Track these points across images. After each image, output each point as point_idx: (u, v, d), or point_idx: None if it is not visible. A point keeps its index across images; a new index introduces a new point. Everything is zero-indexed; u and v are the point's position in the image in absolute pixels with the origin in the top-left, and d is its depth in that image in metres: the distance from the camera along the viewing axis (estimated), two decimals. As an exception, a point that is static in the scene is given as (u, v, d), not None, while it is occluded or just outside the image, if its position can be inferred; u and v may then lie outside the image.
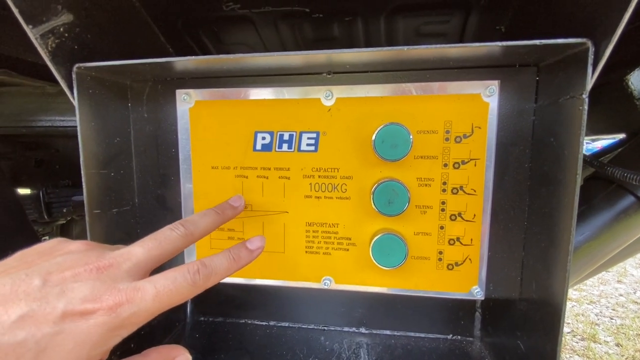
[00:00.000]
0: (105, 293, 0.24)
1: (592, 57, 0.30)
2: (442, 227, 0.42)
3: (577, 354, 1.82)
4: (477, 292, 0.43)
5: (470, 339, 0.51)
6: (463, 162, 0.40)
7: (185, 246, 0.32)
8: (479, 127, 0.40)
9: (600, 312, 2.24)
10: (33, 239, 0.87)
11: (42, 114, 0.85)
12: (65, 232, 1.47)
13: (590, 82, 0.30)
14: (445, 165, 0.41)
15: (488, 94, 0.39)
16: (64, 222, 1.26)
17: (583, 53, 0.30)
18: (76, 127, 0.87)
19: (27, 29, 0.34)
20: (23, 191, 1.06)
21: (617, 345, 1.90)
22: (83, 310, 0.23)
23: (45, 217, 1.02)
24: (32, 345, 0.21)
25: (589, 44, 0.30)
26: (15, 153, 1.04)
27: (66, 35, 0.37)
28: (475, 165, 0.40)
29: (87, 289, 0.23)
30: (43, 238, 1.09)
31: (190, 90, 0.44)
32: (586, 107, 0.30)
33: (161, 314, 0.27)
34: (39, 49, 0.35)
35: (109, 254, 0.27)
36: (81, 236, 1.55)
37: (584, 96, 0.30)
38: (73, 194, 1.05)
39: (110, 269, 0.25)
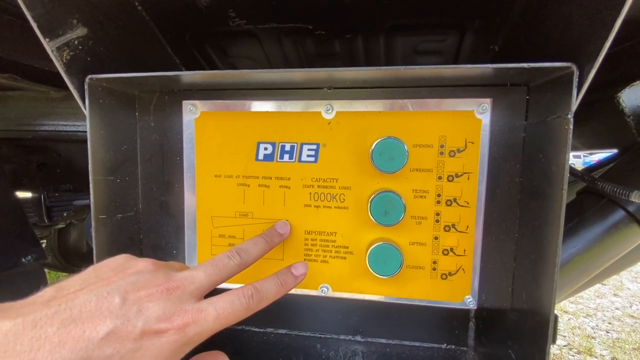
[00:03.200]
0: (175, 314, 0.26)
1: (577, 79, 0.32)
2: (436, 238, 0.43)
3: (573, 368, 1.82)
4: (470, 302, 0.44)
5: (464, 348, 0.52)
6: (457, 175, 0.42)
7: (238, 272, 0.35)
8: (472, 142, 0.41)
9: (597, 325, 2.24)
10: (34, 242, 0.87)
11: (45, 118, 0.87)
12: (63, 236, 1.48)
13: (575, 103, 0.32)
14: (440, 178, 0.42)
15: (481, 111, 0.41)
16: (63, 225, 1.27)
17: (568, 76, 0.32)
18: (78, 132, 0.89)
19: (44, 41, 0.36)
20: (23, 194, 1.07)
21: (613, 359, 1.90)
22: (158, 329, 0.25)
23: (46, 220, 1.02)
24: None
25: (574, 68, 0.32)
26: (18, 156, 1.05)
27: (80, 47, 0.39)
28: (468, 178, 0.42)
29: (160, 309, 0.26)
30: (41, 242, 1.09)
31: (196, 102, 0.46)
32: (571, 126, 0.32)
33: None
34: (55, 60, 0.37)
35: (175, 275, 0.29)
36: (79, 240, 1.55)
37: (569, 116, 0.32)
38: (74, 199, 1.06)
39: (177, 290, 0.28)
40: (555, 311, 0.35)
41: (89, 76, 0.39)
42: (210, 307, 0.28)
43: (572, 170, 0.59)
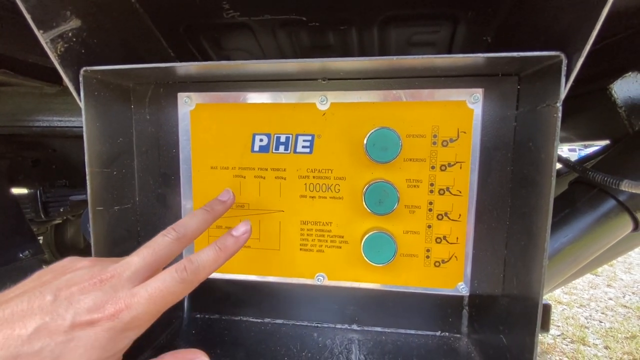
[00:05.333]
0: (107, 302, 0.27)
1: (566, 68, 0.32)
2: (429, 226, 0.44)
3: (567, 356, 1.85)
4: (463, 288, 0.45)
5: (458, 335, 0.53)
6: (449, 165, 0.43)
7: (181, 249, 0.34)
8: (464, 132, 0.42)
9: (590, 315, 2.28)
10: (31, 238, 0.87)
11: (39, 114, 0.86)
12: (60, 231, 1.47)
13: (563, 91, 0.33)
14: (433, 167, 0.43)
15: (473, 101, 0.42)
16: (60, 221, 1.27)
17: (557, 65, 0.33)
18: (73, 127, 0.88)
19: (38, 33, 0.36)
20: (19, 191, 1.07)
21: (606, 347, 1.93)
22: (89, 319, 0.26)
23: (42, 216, 1.02)
24: (48, 353, 0.24)
25: (562, 56, 0.32)
26: (12, 152, 1.04)
27: (74, 39, 0.39)
28: (460, 167, 0.43)
29: (91, 300, 0.26)
30: (38, 237, 1.09)
31: (192, 94, 0.46)
32: (560, 114, 0.33)
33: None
34: (49, 52, 0.37)
35: (110, 266, 0.29)
36: (76, 236, 1.55)
37: (558, 104, 0.33)
38: (70, 194, 1.06)
39: (112, 279, 0.28)
40: (549, 301, 0.35)
41: (84, 68, 0.39)
42: (142, 289, 0.28)
43: (565, 161, 0.60)
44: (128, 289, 0.28)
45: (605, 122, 0.74)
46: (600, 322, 2.19)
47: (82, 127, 0.40)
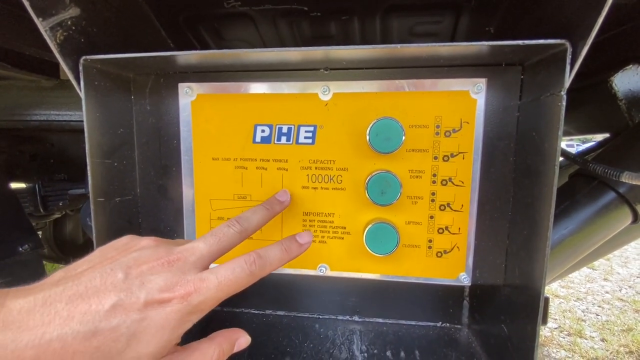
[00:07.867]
0: (177, 284, 0.27)
1: (570, 57, 0.32)
2: (431, 217, 0.44)
3: (564, 349, 1.87)
4: (464, 279, 0.45)
5: (459, 326, 0.53)
6: (452, 155, 0.43)
7: (240, 241, 0.35)
8: (467, 122, 0.42)
9: (587, 308, 2.30)
10: (30, 232, 0.87)
11: (37, 108, 0.86)
12: (58, 227, 1.47)
13: (568, 80, 0.33)
14: (435, 158, 0.43)
15: (476, 91, 0.42)
16: (59, 216, 1.26)
17: (562, 53, 0.33)
18: (71, 121, 0.87)
19: (38, 21, 0.35)
20: (17, 185, 1.06)
21: (602, 340, 1.95)
22: (161, 299, 0.26)
23: (41, 210, 1.02)
24: (125, 330, 0.24)
25: (567, 44, 0.32)
26: (9, 147, 1.03)
27: (73, 28, 0.39)
28: (463, 158, 0.43)
29: (162, 281, 0.27)
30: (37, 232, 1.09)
31: (193, 84, 0.46)
32: (564, 103, 0.33)
33: None
34: (48, 41, 0.36)
35: (176, 248, 0.30)
36: (75, 230, 1.55)
37: (562, 93, 0.33)
38: (69, 188, 1.05)
39: (178, 262, 0.29)
40: (547, 294, 0.35)
41: (83, 57, 0.38)
42: (211, 275, 0.28)
43: (565, 153, 0.60)
44: (194, 273, 0.28)
45: (605, 115, 0.74)
46: (597, 315, 2.22)
47: (79, 121, 0.40)
